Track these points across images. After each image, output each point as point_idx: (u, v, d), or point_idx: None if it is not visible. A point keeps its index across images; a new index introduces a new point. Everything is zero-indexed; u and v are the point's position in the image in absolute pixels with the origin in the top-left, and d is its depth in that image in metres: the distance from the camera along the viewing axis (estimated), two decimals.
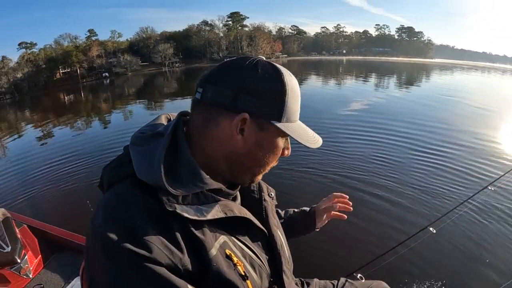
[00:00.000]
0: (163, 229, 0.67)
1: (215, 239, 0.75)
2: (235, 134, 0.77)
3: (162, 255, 0.64)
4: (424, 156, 7.75)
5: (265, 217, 0.98)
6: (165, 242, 0.66)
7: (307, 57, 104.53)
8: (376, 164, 7.24)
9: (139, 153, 0.76)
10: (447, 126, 10.94)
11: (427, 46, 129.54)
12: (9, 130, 19.50)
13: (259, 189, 1.03)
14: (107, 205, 0.71)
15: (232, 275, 0.73)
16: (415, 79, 33.34)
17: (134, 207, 0.69)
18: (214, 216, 0.75)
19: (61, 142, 12.53)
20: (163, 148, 0.74)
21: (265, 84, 0.77)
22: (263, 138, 0.80)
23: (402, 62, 77.90)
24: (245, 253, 0.82)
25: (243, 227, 0.85)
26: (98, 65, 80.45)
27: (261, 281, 0.82)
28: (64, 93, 48.41)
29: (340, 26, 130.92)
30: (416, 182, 6.24)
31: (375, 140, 9.04)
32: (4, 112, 34.67)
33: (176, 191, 0.71)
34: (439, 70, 51.62)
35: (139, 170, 0.74)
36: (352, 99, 17.37)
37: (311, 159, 7.28)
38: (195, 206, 0.74)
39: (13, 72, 67.42)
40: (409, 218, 5.02)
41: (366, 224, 4.83)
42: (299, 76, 35.27)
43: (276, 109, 0.78)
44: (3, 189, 7.50)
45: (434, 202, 5.49)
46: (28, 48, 76.93)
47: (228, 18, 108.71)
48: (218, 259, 0.72)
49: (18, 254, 3.20)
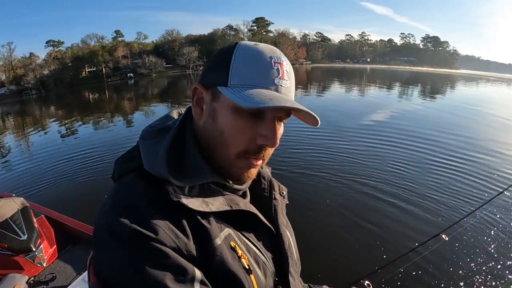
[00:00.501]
0: (168, 216, 0.67)
1: (220, 230, 0.74)
2: (193, 106, 0.78)
3: (168, 238, 0.63)
4: (442, 164, 7.66)
5: (274, 216, 0.93)
6: (171, 226, 0.65)
7: (331, 65, 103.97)
8: (393, 171, 7.15)
9: (147, 147, 0.77)
10: (467, 135, 10.78)
11: (452, 57, 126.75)
12: (34, 124, 20.02)
13: (270, 187, 0.98)
14: (115, 194, 0.71)
15: (236, 267, 0.72)
16: (439, 89, 32.73)
17: (141, 195, 0.69)
18: (219, 208, 0.74)
19: (82, 137, 12.77)
20: (168, 141, 0.75)
21: (218, 54, 0.76)
22: (215, 109, 0.74)
23: (427, 72, 76.75)
24: (250, 248, 0.79)
25: (249, 223, 0.82)
26: (123, 66, 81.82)
27: (265, 278, 0.79)
28: (89, 91, 49.54)
29: (365, 34, 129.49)
30: (432, 190, 6.15)
31: (394, 147, 8.92)
32: (30, 107, 35.69)
33: (181, 183, 0.71)
34: (464, 81, 50.64)
35: (146, 162, 0.74)
36: (373, 108, 17.11)
37: (328, 164, 7.24)
38: (201, 198, 0.73)
39: (40, 69, 69.41)
40: (422, 226, 4.96)
41: (378, 230, 4.81)
42: (322, 84, 35.17)
43: (223, 73, 0.72)
44: (24, 179, 7.70)
45: (448, 210, 5.43)
46: (55, 46, 78.91)
47: (253, 23, 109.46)
48: (222, 249, 0.71)
49: (33, 243, 3.28)
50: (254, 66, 0.70)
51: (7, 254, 3.18)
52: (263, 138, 0.72)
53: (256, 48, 0.72)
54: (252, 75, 0.70)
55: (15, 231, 3.30)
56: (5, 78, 67.78)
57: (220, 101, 0.73)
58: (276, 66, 0.71)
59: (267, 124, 0.72)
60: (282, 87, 0.70)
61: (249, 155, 0.74)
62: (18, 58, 72.09)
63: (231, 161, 0.75)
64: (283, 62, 0.72)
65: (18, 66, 69.77)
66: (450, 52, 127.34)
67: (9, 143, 13.82)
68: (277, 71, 0.70)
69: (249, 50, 0.72)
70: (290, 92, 0.73)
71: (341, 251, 4.32)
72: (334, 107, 17.36)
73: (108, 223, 0.64)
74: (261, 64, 0.70)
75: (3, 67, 68.71)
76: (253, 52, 0.71)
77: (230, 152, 0.74)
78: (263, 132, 0.72)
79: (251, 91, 0.67)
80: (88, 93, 46.93)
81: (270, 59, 0.71)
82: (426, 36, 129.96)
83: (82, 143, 11.21)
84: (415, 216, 5.23)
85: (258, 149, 0.74)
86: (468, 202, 5.66)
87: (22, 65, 70.15)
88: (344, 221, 5.07)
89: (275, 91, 0.69)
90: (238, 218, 0.79)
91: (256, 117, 0.71)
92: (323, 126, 11.22)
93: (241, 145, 0.73)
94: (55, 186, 6.82)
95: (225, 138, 0.73)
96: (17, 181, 7.66)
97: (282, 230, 0.91)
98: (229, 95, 0.68)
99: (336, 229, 4.89)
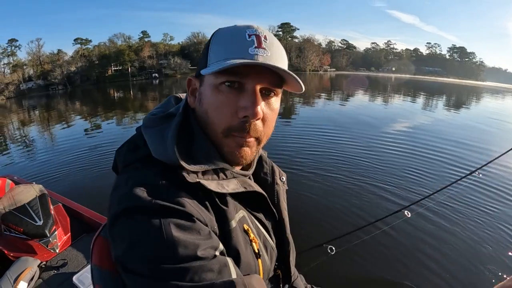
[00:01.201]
0: (190, 195, 0.67)
1: (235, 212, 0.75)
2: (189, 96, 0.81)
3: (195, 211, 0.63)
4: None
5: (276, 201, 0.94)
6: (196, 202, 0.66)
7: (355, 73, 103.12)
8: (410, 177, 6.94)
9: (152, 134, 0.75)
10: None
11: (479, 68, 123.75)
12: (58, 117, 20.49)
13: (272, 172, 0.98)
14: (130, 178, 0.68)
15: (247, 250, 0.73)
16: (464, 101, 32.08)
17: (159, 176, 0.68)
18: (235, 190, 0.75)
19: (104, 132, 13.03)
20: (175, 127, 0.74)
21: (204, 45, 0.77)
22: (201, 92, 0.76)
23: (452, 84, 75.47)
24: (260, 232, 0.81)
25: (259, 206, 0.84)
26: (148, 65, 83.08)
27: (271, 263, 0.81)
28: (114, 89, 50.45)
29: (390, 42, 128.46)
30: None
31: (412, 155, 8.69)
32: (55, 101, 36.56)
33: (193, 167, 0.70)
34: (490, 93, 49.50)
35: (154, 150, 0.72)
36: (394, 117, 16.84)
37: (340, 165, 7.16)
38: (215, 180, 0.74)
39: (67, 65, 71.17)
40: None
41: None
42: (346, 91, 34.95)
43: (205, 58, 0.74)
44: (46, 168, 7.89)
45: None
46: (83, 44, 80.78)
47: (278, 28, 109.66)
48: (237, 232, 0.72)
49: (48, 229, 3.31)
50: (227, 42, 0.71)
51: (22, 238, 3.23)
52: (243, 110, 0.70)
53: (231, 27, 0.74)
54: (226, 49, 0.70)
55: (32, 216, 3.34)
56: (33, 72, 69.79)
57: (204, 83, 0.75)
58: (251, 37, 0.70)
59: (247, 95, 0.70)
60: (259, 56, 0.68)
61: (234, 131, 0.73)
62: (46, 54, 74.36)
63: (220, 140, 0.74)
64: (260, 34, 0.71)
65: (46, 62, 71.80)
66: (477, 63, 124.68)
67: (33, 134, 14.16)
68: (252, 42, 0.69)
69: (224, 30, 0.74)
70: (272, 61, 0.70)
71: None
72: (354, 113, 17.19)
73: (132, 202, 0.62)
74: (234, 38, 0.71)
75: (32, 62, 70.78)
76: (227, 31, 0.73)
77: (216, 130, 0.73)
78: (242, 104, 0.70)
79: (224, 62, 0.67)
80: (113, 90, 47.79)
81: (244, 32, 0.71)
82: (452, 47, 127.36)
83: (104, 137, 11.43)
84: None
85: (242, 124, 0.72)
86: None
87: (50, 61, 72.23)
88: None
89: (250, 60, 0.67)
90: (250, 200, 0.81)
91: (236, 90, 0.71)
92: (338, 129, 11.25)
93: (224, 121, 0.72)
94: (75, 177, 6.95)
95: (209, 116, 0.74)
96: (39, 170, 7.84)
97: (284, 215, 0.93)
98: (205, 72, 0.70)
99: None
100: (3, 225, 3.33)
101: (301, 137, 10.34)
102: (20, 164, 8.87)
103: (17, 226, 3.26)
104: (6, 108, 36.59)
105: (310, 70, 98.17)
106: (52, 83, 66.61)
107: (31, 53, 71.94)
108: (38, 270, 2.95)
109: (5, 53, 69.69)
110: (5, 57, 69.67)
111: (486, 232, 4.66)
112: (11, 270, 2.80)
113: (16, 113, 28.36)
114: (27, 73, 69.65)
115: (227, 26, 0.75)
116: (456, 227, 4.76)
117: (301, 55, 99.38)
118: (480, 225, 4.86)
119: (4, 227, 3.33)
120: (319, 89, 37.84)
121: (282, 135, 10.32)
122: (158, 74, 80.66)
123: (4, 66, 68.61)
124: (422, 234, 4.55)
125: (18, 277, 2.75)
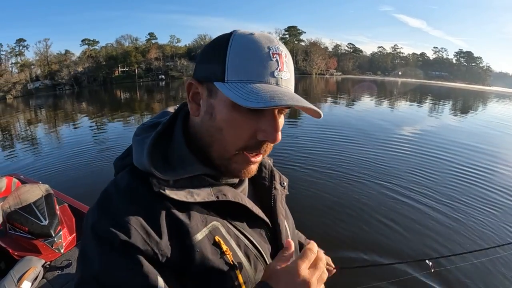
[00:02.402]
0: (147, 213, 0.68)
1: (204, 224, 0.73)
2: (189, 101, 0.76)
3: (138, 237, 0.64)
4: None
5: (272, 206, 0.92)
6: (144, 224, 0.66)
7: (362, 76, 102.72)
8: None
9: (135, 142, 0.78)
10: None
11: (486, 73, 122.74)
12: (66, 117, 20.61)
13: (270, 176, 0.97)
14: (103, 191, 0.73)
15: (218, 263, 0.70)
16: (471, 106, 31.85)
17: (123, 192, 0.70)
18: (204, 199, 0.73)
19: (112, 134, 13.06)
20: (154, 135, 0.76)
21: (213, 45, 0.72)
22: (212, 106, 0.71)
23: (459, 88, 74.83)
24: (240, 242, 0.77)
25: (241, 215, 0.81)
26: (155, 67, 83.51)
27: (255, 272, 0.77)
28: (120, 90, 50.69)
29: (397, 46, 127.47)
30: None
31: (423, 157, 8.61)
32: (62, 101, 36.76)
33: (165, 176, 0.71)
34: (497, 98, 49.08)
35: (135, 158, 0.76)
36: (402, 121, 16.77)
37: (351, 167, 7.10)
38: (187, 189, 0.73)
39: (74, 66, 71.71)
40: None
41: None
42: (352, 95, 34.85)
43: (219, 67, 0.67)
44: (53, 169, 7.92)
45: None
46: (90, 45, 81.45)
47: (285, 32, 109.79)
48: (203, 245, 0.70)
49: (53, 229, 3.31)
50: (251, 59, 0.66)
51: (27, 237, 3.23)
52: (263, 134, 0.69)
53: (252, 38, 0.68)
54: (251, 69, 0.66)
55: (37, 216, 3.35)
56: (40, 72, 70.37)
57: (218, 98, 0.69)
58: (275, 57, 0.67)
59: (268, 120, 0.69)
60: (282, 80, 0.67)
61: (249, 151, 0.72)
62: (53, 54, 75.01)
63: (230, 157, 0.73)
64: (281, 52, 0.68)
65: (53, 62, 72.43)
66: (484, 68, 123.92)
67: (41, 134, 14.24)
68: (276, 62, 0.67)
69: (245, 40, 0.67)
70: (290, 84, 0.70)
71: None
72: (362, 117, 17.13)
73: (88, 218, 0.68)
74: (259, 56, 0.66)
75: (39, 62, 71.41)
76: (249, 43, 0.67)
77: (229, 149, 0.72)
78: (263, 128, 0.69)
79: (251, 87, 0.64)
80: (120, 91, 48.07)
81: (268, 49, 0.67)
82: (459, 51, 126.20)
83: (111, 138, 11.47)
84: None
85: (258, 144, 0.71)
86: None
87: (57, 61, 72.78)
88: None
89: (275, 85, 0.66)
90: (229, 209, 0.78)
91: (256, 112, 0.68)
92: (351, 134, 11.18)
93: (241, 142, 0.70)
94: (81, 177, 6.98)
95: (224, 135, 0.71)
96: (45, 169, 7.88)
97: (279, 220, 0.90)
98: (228, 94, 0.64)
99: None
100: (8, 224, 3.33)
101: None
102: (26, 163, 8.90)
103: (22, 225, 3.26)
104: (13, 107, 36.90)
105: (316, 74, 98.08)
106: (59, 83, 67.18)
107: (39, 53, 72.66)
108: (42, 270, 2.94)
109: (13, 52, 70.39)
110: (13, 56, 70.40)
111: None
112: (15, 269, 2.79)
113: (23, 112, 28.60)
114: (34, 72, 70.20)
115: (246, 33, 0.69)
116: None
117: (308, 59, 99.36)
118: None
119: (9, 226, 3.33)
120: (327, 92, 37.70)
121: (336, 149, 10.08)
122: (164, 76, 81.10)
123: (12, 65, 69.31)
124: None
125: (22, 277, 2.74)
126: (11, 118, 23.99)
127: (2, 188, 4.19)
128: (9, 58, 69.88)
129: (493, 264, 3.98)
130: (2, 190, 4.16)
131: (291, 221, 1.02)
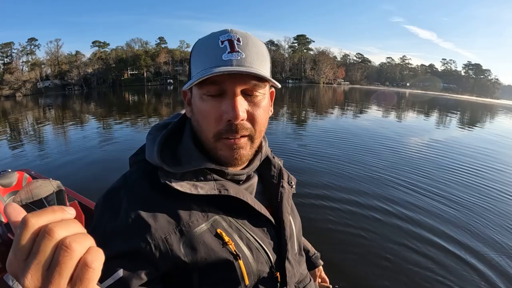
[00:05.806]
0: (150, 204, 0.74)
1: (206, 217, 0.78)
2: (185, 106, 0.88)
3: (133, 227, 0.71)
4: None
5: (279, 202, 0.97)
6: (144, 216, 0.72)
7: (369, 87, 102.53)
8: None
9: (148, 140, 0.86)
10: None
11: (494, 86, 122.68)
12: (75, 117, 20.72)
13: (279, 175, 1.02)
14: (113, 183, 0.81)
15: (222, 253, 0.76)
16: (478, 119, 31.64)
17: (131, 184, 0.78)
18: (207, 192, 0.78)
19: (122, 135, 13.00)
20: (165, 133, 0.85)
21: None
22: (192, 103, 0.82)
23: (467, 101, 74.41)
24: (242, 235, 0.82)
25: (243, 211, 0.85)
26: (164, 71, 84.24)
27: (257, 264, 0.81)
28: (129, 92, 50.97)
29: (406, 57, 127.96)
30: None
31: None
32: (71, 101, 37.02)
33: (172, 169, 0.78)
34: (505, 111, 48.70)
35: (147, 154, 0.83)
36: (407, 133, 16.62)
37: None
38: (192, 182, 0.79)
39: (84, 67, 72.48)
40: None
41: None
42: (359, 104, 34.74)
43: (189, 72, 0.82)
44: (65, 166, 7.92)
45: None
46: (101, 47, 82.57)
47: (294, 40, 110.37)
48: (205, 236, 0.75)
49: None
50: (202, 52, 0.76)
51: None
52: (226, 114, 0.75)
53: (206, 37, 0.79)
54: (203, 59, 0.75)
55: None
56: (50, 72, 71.13)
57: (193, 95, 0.81)
58: (223, 43, 0.73)
59: (227, 101, 0.74)
60: (233, 60, 0.72)
61: (224, 135, 0.77)
62: (64, 54, 75.96)
63: (213, 144, 0.79)
64: (232, 37, 0.74)
65: (63, 62, 73.44)
66: (492, 81, 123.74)
67: (51, 132, 14.24)
68: (224, 47, 0.73)
69: (201, 41, 0.79)
70: (247, 62, 0.73)
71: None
72: (368, 127, 17.02)
73: (98, 201, 0.78)
74: (207, 47, 0.76)
75: (50, 61, 72.24)
76: (203, 41, 0.78)
77: (207, 136, 0.79)
78: (224, 108, 0.74)
79: (203, 72, 0.71)
80: (128, 94, 48.35)
81: (217, 39, 0.74)
82: (468, 63, 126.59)
83: (118, 140, 11.40)
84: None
85: (229, 127, 0.76)
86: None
87: (68, 62, 73.75)
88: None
89: (225, 66, 0.71)
90: (232, 205, 0.82)
91: (219, 97, 0.75)
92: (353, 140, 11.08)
93: (212, 126, 0.77)
94: (92, 176, 6.93)
95: (200, 124, 0.80)
96: (57, 167, 7.84)
97: (284, 217, 0.94)
98: (185, 87, 0.78)
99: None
100: None
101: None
102: (37, 160, 8.88)
103: None
104: (23, 104, 37.21)
105: (324, 83, 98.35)
106: (69, 83, 68.03)
107: (50, 52, 73.78)
108: None
109: (24, 51, 71.23)
110: (24, 55, 71.21)
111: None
112: None
113: (31, 110, 28.76)
114: (44, 72, 71.10)
115: (205, 36, 0.80)
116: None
117: (316, 68, 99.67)
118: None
119: None
120: (334, 102, 37.62)
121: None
122: (173, 80, 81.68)
123: (23, 64, 70.14)
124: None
125: None
126: (21, 115, 24.10)
127: (13, 182, 4.15)
128: (20, 56, 70.82)
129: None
130: (13, 185, 4.12)
131: (298, 220, 1.08)
